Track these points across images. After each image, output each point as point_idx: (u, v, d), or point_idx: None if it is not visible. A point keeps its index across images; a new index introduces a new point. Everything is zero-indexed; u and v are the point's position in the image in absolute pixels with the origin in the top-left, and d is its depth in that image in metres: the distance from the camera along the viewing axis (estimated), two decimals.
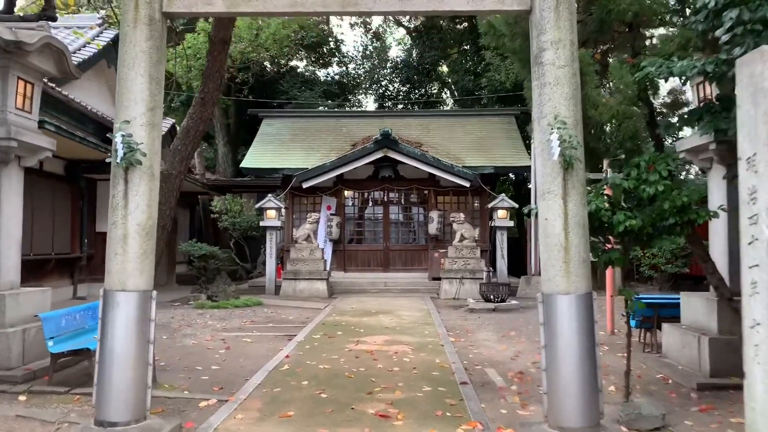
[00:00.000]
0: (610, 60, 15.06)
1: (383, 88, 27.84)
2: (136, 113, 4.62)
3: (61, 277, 13.48)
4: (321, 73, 28.80)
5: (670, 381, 6.57)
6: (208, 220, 20.13)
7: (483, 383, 6.45)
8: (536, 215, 4.93)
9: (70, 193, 13.86)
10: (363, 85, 29.30)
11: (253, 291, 16.43)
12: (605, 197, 4.92)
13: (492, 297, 12.84)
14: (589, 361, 4.48)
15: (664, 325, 7.40)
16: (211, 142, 27.12)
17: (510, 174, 25.15)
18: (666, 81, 5.26)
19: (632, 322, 8.23)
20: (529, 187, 24.35)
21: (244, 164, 17.44)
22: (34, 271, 12.35)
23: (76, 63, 13.78)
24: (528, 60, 5.08)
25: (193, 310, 12.08)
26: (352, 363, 7.25)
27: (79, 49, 14.31)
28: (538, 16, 4.62)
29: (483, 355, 7.92)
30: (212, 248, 13.71)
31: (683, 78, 4.67)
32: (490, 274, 14.46)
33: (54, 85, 12.09)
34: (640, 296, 7.81)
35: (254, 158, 17.55)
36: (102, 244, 15.19)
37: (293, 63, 28.01)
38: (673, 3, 13.18)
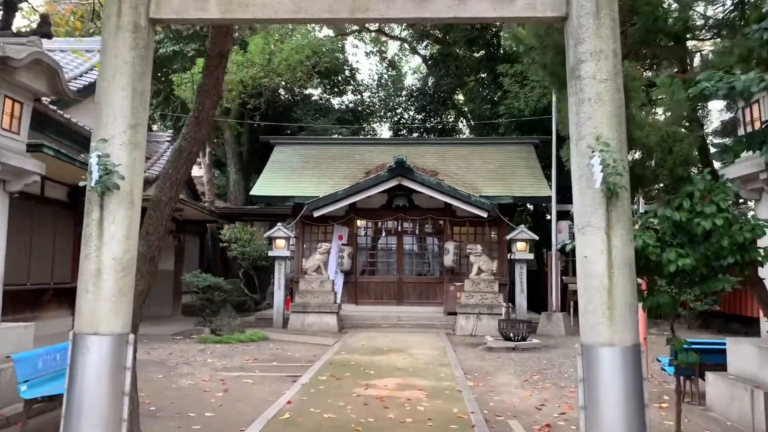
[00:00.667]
0: (657, 76, 14.14)
1: (398, 116, 27.43)
2: (116, 131, 4.07)
3: (60, 308, 12.91)
4: (335, 102, 28.51)
5: None
6: (216, 249, 19.60)
7: None
8: (572, 251, 4.28)
9: (72, 219, 13.38)
10: (378, 113, 28.94)
11: (260, 324, 15.77)
12: (653, 232, 4.24)
13: (512, 335, 12.07)
14: (638, 426, 3.77)
15: (709, 375, 6.63)
16: (223, 169, 26.79)
17: (528, 204, 24.50)
18: (724, 98, 4.63)
19: (669, 369, 7.46)
20: (548, 218, 23.64)
21: (254, 192, 16.94)
22: (31, 302, 11.83)
23: (81, 86, 13.54)
24: (560, 75, 4.51)
25: (195, 345, 11.43)
26: (360, 412, 6.54)
27: (86, 73, 14.05)
28: (575, 24, 4.02)
29: (505, 404, 7.17)
30: (217, 279, 13.13)
31: (745, 94, 4.03)
32: (510, 310, 13.71)
33: (56, 107, 11.71)
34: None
35: (265, 186, 17.06)
36: None
37: (308, 91, 27.79)
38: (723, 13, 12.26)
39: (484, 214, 15.61)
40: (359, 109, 28.16)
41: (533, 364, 9.89)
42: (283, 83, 19.80)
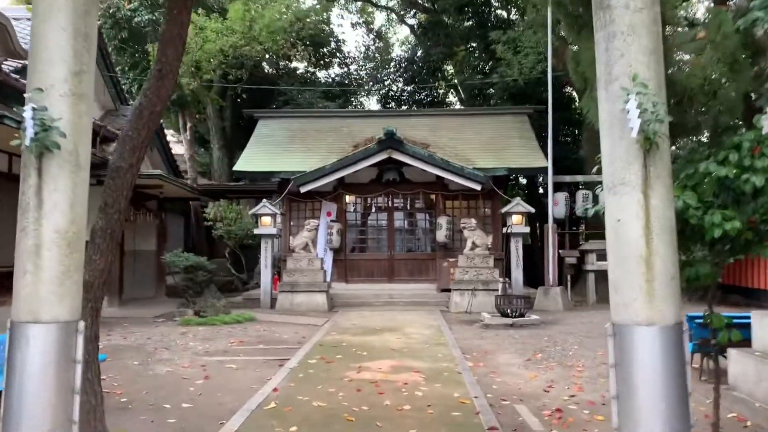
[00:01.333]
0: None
1: (386, 89, 26.63)
2: (55, 79, 3.37)
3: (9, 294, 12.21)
4: (321, 75, 27.67)
5: (748, 423, 5.28)
6: (201, 229, 18.90)
7: (515, 427, 5.16)
8: (595, 216, 3.68)
9: None
10: (365, 86, 28.12)
11: (247, 304, 15.17)
12: (692, 192, 3.62)
13: (509, 311, 11.55)
14: (681, 417, 3.21)
15: (732, 352, 6.11)
16: (207, 147, 25.94)
17: (520, 178, 23.96)
18: None
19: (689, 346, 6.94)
20: (541, 191, 23.06)
21: (237, 167, 16.21)
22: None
23: None
24: (577, 16, 3.86)
25: (177, 328, 10.82)
26: (353, 398, 5.97)
27: None
28: None
29: (509, 386, 6.64)
30: (199, 259, 12.47)
31: None
32: (506, 285, 13.19)
33: (18, 76, 10.90)
34: (691, 314, 6.54)
35: (248, 161, 16.34)
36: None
37: (293, 65, 26.91)
38: None
39: (478, 187, 15.01)
40: (346, 82, 27.32)
41: (534, 342, 9.37)
42: (266, 54, 18.92)
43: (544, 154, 15.90)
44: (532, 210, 14.88)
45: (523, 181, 25.88)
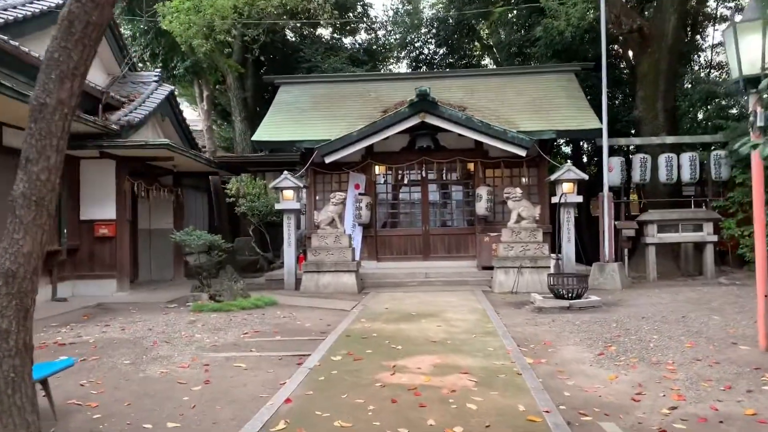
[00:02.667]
0: None
1: (417, 51, 24.88)
2: None
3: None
4: (347, 41, 26.04)
5: None
6: (222, 205, 17.68)
7: None
8: None
9: None
10: (394, 52, 26.41)
11: (270, 286, 13.97)
12: None
13: (564, 292, 10.04)
14: None
15: None
16: (229, 120, 24.70)
17: (562, 144, 22.15)
18: None
19: None
20: (584, 159, 21.24)
21: (255, 137, 14.86)
22: None
23: (32, 13, 11.48)
24: None
25: (187, 315, 9.60)
26: (386, 414, 4.61)
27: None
28: None
29: (586, 392, 5.18)
30: (213, 237, 11.21)
31: None
32: (559, 262, 11.65)
33: (6, 37, 9.66)
34: None
35: (268, 130, 14.98)
36: (88, 235, 12.87)
37: (317, 31, 25.38)
38: None
39: (523, 153, 13.40)
40: (374, 48, 25.67)
41: (601, 330, 7.85)
42: (285, 12, 17.37)
43: (597, 115, 14.18)
44: (586, 176, 13.24)
45: (565, 149, 24.09)
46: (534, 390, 5.19)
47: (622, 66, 20.13)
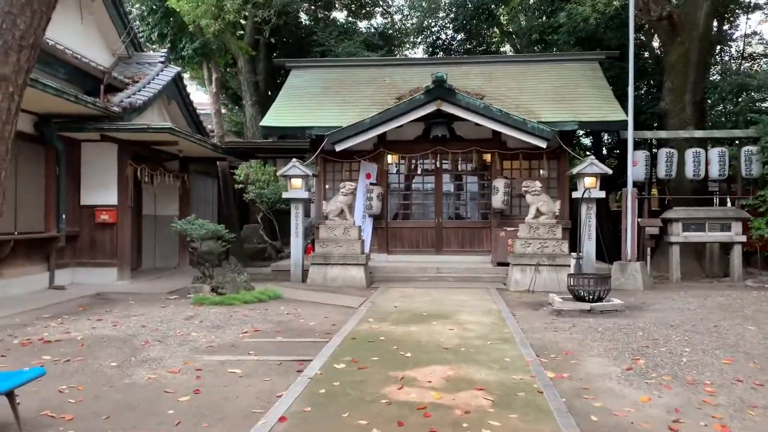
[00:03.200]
0: None
1: (434, 36, 24.14)
2: None
3: (31, 262, 10.75)
4: (362, 25, 25.36)
5: None
6: (229, 192, 17.20)
7: None
8: None
9: (42, 156, 11.07)
10: (410, 37, 25.69)
11: (277, 277, 13.52)
12: None
13: (584, 294, 9.44)
14: None
15: None
16: (240, 103, 24.18)
17: (581, 136, 21.44)
18: None
19: None
20: (604, 152, 20.45)
21: (264, 122, 14.31)
22: None
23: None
24: None
25: (186, 309, 9.13)
26: None
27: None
28: None
29: (616, 417, 4.62)
30: (216, 226, 10.70)
31: None
32: (580, 261, 11.05)
33: None
34: None
35: (278, 115, 14.42)
36: (89, 221, 12.41)
37: (332, 15, 24.75)
38: None
39: (543, 144, 12.75)
40: (389, 32, 24.97)
41: (626, 339, 7.27)
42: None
43: (622, 106, 13.49)
44: (609, 171, 12.60)
45: (585, 141, 23.35)
46: (558, 412, 4.64)
47: (646, 56, 19.34)
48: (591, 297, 9.42)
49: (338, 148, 13.23)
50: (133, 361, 6.11)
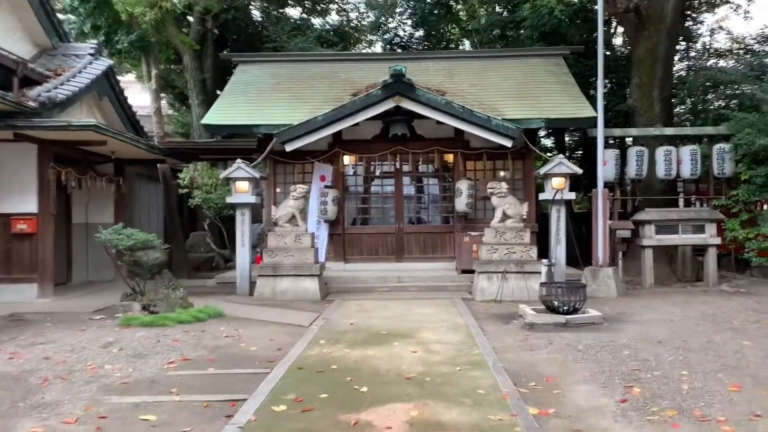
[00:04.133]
0: None
1: (391, 33, 23.22)
2: None
3: None
4: (317, 22, 24.26)
5: None
6: (170, 196, 15.86)
7: None
8: None
9: None
10: (367, 35, 24.72)
11: (222, 290, 12.35)
12: None
13: (558, 305, 8.58)
14: None
15: None
16: (187, 103, 22.76)
17: (542, 136, 20.79)
18: None
19: None
20: (568, 152, 19.79)
21: (205, 120, 13.10)
22: None
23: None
24: None
25: (108, 333, 7.89)
26: None
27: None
28: None
29: None
30: (147, 236, 9.45)
31: None
32: (552, 268, 10.20)
33: None
34: None
35: (221, 112, 13.22)
36: (3, 231, 10.88)
37: (286, 10, 23.58)
38: None
39: (508, 144, 11.93)
40: (345, 30, 23.95)
41: (612, 360, 6.39)
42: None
43: (591, 103, 12.79)
44: (579, 171, 11.85)
45: (545, 142, 22.72)
46: None
47: (608, 54, 18.80)
48: (566, 308, 8.56)
49: (288, 148, 12.14)
50: (22, 407, 4.91)
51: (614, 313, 9.21)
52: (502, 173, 13.29)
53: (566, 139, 20.64)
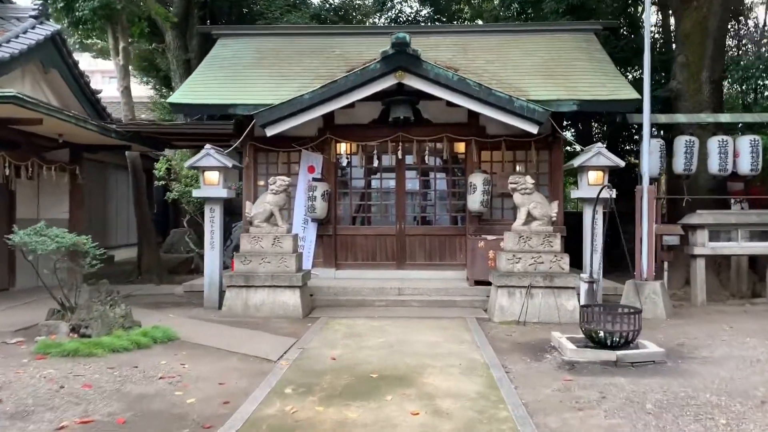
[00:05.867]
0: None
1: (396, 10, 21.10)
2: None
3: None
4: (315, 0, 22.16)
5: None
6: (141, 190, 13.81)
7: None
8: None
9: None
10: (370, 18, 22.60)
11: (191, 300, 10.47)
12: None
13: (604, 335, 6.55)
14: None
15: None
16: (172, 87, 20.73)
17: (565, 125, 18.65)
18: None
19: None
20: (593, 137, 17.58)
21: (172, 98, 11.04)
22: None
23: None
24: None
25: (14, 365, 5.91)
26: None
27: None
28: None
29: None
30: (75, 238, 7.44)
31: None
32: (594, 286, 8.14)
33: None
34: None
35: (191, 90, 11.17)
36: None
37: None
38: None
39: (533, 129, 9.85)
40: (346, 9, 21.84)
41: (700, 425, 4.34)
42: None
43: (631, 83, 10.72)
44: (621, 163, 9.76)
45: (567, 132, 20.51)
46: None
47: (643, 34, 16.67)
48: (616, 341, 6.53)
49: (269, 132, 10.11)
50: None
51: (673, 345, 7.16)
52: (520, 166, 11.21)
53: (596, 126, 18.43)
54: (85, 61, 14.65)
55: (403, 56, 9.67)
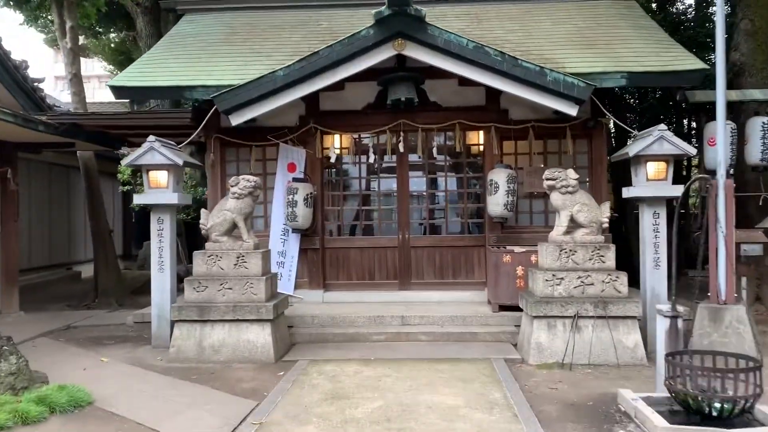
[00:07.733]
0: None
1: None
2: None
3: None
4: None
5: None
6: (95, 196, 11.57)
7: None
8: None
9: None
10: None
11: (141, 334, 8.43)
12: None
13: (705, 403, 4.34)
14: None
15: None
16: None
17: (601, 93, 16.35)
18: None
19: None
20: (628, 119, 15.19)
21: (113, 81, 8.86)
22: None
23: None
24: None
25: None
26: None
27: None
28: None
29: None
30: None
31: None
32: (678, 322, 5.88)
33: None
34: None
35: (139, 72, 9.01)
36: None
37: None
38: None
39: (572, 111, 7.64)
40: None
41: None
42: None
43: (689, 50, 8.50)
44: (692, 151, 7.52)
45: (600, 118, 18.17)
46: None
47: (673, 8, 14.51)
48: (725, 410, 4.32)
49: (235, 120, 7.96)
50: None
51: None
52: (553, 159, 8.98)
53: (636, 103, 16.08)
54: (83, 65, 12.66)
55: (403, 18, 7.49)
